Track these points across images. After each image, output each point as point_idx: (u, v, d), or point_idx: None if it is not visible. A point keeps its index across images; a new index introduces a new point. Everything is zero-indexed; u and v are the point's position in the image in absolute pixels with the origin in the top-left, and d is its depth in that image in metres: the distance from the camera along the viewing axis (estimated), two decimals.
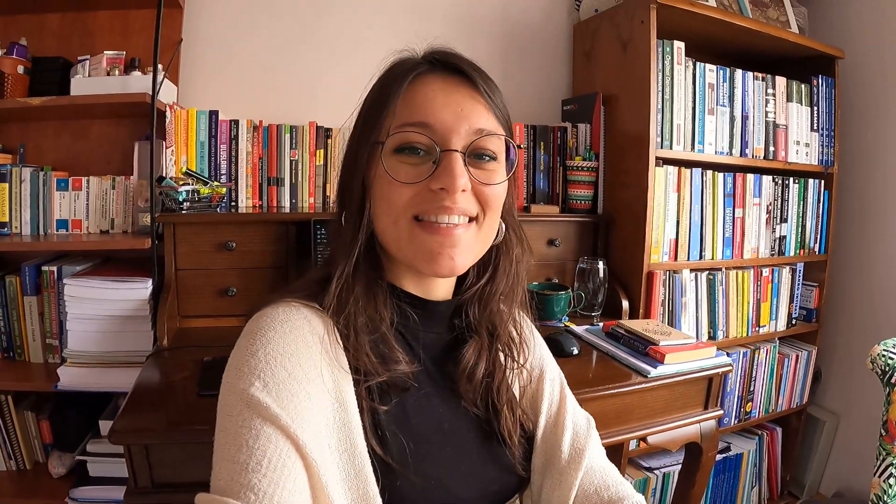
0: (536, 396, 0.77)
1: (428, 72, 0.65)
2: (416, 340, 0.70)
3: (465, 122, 0.62)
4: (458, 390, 0.70)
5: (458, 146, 0.62)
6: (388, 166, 0.62)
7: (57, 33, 1.70)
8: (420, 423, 0.64)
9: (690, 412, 1.37)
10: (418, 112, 0.62)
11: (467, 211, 0.63)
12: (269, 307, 0.63)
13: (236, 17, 1.79)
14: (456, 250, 0.63)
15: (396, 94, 0.63)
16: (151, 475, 0.99)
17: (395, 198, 0.62)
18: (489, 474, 0.68)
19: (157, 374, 1.25)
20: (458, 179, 0.60)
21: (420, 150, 0.62)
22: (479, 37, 1.99)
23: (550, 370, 0.81)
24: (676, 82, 1.72)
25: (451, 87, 0.64)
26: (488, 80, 0.67)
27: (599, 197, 1.87)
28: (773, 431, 2.22)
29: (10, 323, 1.58)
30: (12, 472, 1.62)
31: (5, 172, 1.56)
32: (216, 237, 1.49)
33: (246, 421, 0.51)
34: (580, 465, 0.70)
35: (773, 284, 2.03)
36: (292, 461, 0.50)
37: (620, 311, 1.71)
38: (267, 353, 0.56)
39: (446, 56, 0.66)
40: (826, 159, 2.10)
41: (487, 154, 0.65)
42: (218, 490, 0.49)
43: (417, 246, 0.63)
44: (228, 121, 1.66)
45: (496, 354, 0.74)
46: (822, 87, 2.06)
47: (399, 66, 0.67)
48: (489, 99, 0.65)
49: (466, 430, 0.68)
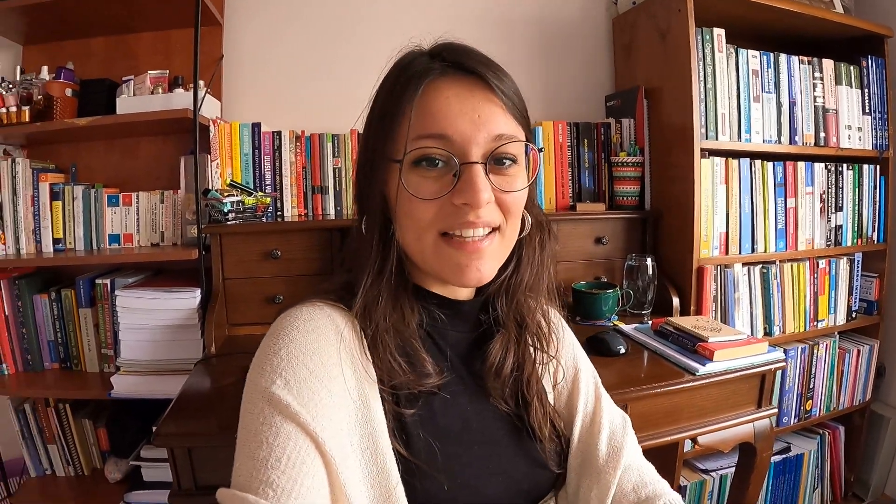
0: (572, 396, 0.76)
1: (440, 76, 0.62)
2: (444, 340, 0.70)
3: (483, 130, 0.60)
4: (486, 387, 0.69)
5: (477, 157, 0.60)
6: (408, 183, 0.61)
7: (102, 56, 1.77)
8: (447, 422, 0.63)
9: (743, 411, 1.33)
10: (434, 123, 0.60)
11: (491, 223, 0.62)
12: (294, 307, 0.64)
13: (274, 31, 1.84)
14: (482, 262, 0.63)
15: (409, 104, 0.61)
16: (195, 477, 1.01)
17: (418, 214, 0.61)
18: (518, 473, 0.67)
19: (203, 381, 1.27)
20: (482, 195, 0.59)
21: (439, 161, 0.61)
22: (517, 38, 1.98)
23: (585, 369, 0.80)
24: (719, 70, 1.67)
25: (465, 92, 0.61)
26: (502, 77, 0.64)
27: (646, 192, 1.82)
28: (835, 430, 2.12)
29: (67, 334, 1.64)
30: (70, 477, 1.68)
31: (59, 191, 1.63)
32: (262, 246, 1.51)
33: (267, 418, 0.52)
34: (618, 464, 0.69)
35: (830, 276, 1.94)
36: (311, 458, 0.51)
37: (671, 308, 1.66)
38: (289, 351, 0.57)
39: (457, 57, 0.63)
40: (880, 143, 2.01)
41: (508, 158, 0.63)
42: (238, 485, 0.49)
43: (444, 260, 0.63)
44: (271, 132, 1.68)
45: (525, 346, 0.73)
46: (871, 68, 1.97)
47: (409, 70, 0.64)
48: (505, 98, 0.63)
49: (495, 428, 0.68)
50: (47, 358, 1.65)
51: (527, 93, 0.68)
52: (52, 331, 1.63)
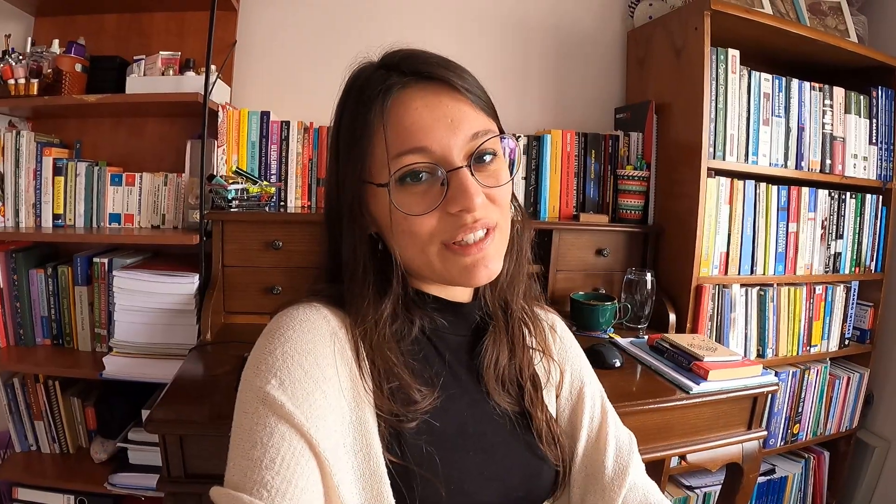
0: (577, 410, 0.76)
1: (402, 89, 0.61)
2: (444, 344, 0.70)
3: (458, 133, 0.60)
4: (485, 386, 0.69)
5: (460, 161, 0.60)
6: (399, 202, 0.60)
7: (114, 34, 1.76)
8: (443, 428, 0.63)
9: (733, 431, 1.34)
10: (411, 138, 0.59)
11: (488, 223, 0.62)
12: (291, 307, 0.63)
13: (289, 20, 1.83)
14: (488, 260, 0.63)
15: (380, 124, 0.60)
16: (185, 465, 1.00)
17: (417, 230, 0.61)
18: (514, 480, 0.66)
19: (197, 368, 1.27)
20: (475, 198, 0.59)
21: (423, 174, 0.60)
22: (533, 45, 1.98)
23: (590, 384, 0.80)
24: (731, 91, 1.68)
25: (432, 98, 0.60)
26: (463, 75, 0.63)
27: (650, 207, 1.83)
28: (820, 455, 2.13)
29: (61, 311, 1.63)
30: (55, 454, 1.67)
31: (62, 166, 1.62)
32: (263, 235, 1.50)
33: (261, 418, 0.52)
34: (624, 482, 0.70)
35: (826, 303, 1.95)
36: (305, 459, 0.51)
37: (667, 324, 1.67)
38: (285, 351, 0.56)
39: (416, 65, 0.62)
40: (885, 174, 2.02)
41: (488, 153, 0.63)
42: (231, 485, 0.49)
43: (451, 266, 0.63)
44: (280, 122, 1.68)
45: (513, 332, 0.74)
46: (881, 99, 1.98)
47: (368, 88, 0.62)
48: (472, 95, 0.62)
49: (493, 432, 0.67)
50: (40, 334, 1.64)
51: (538, 100, 0.68)
52: (47, 307, 1.62)
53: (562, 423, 0.75)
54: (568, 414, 0.76)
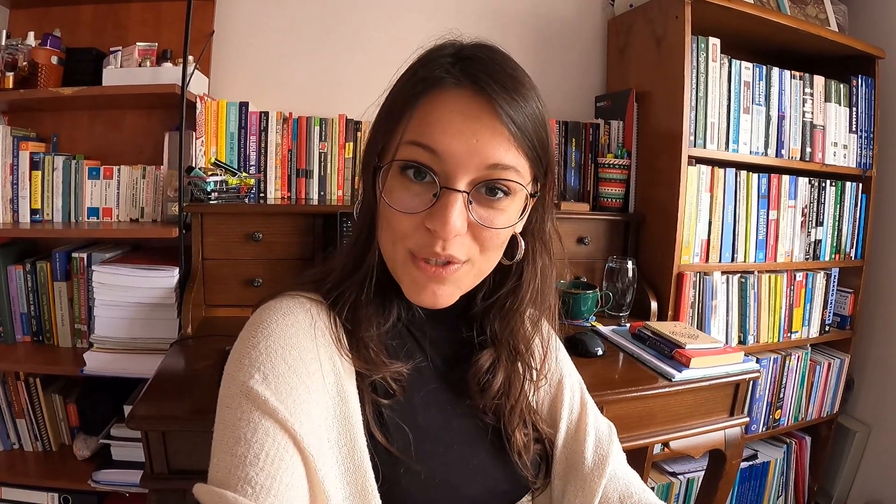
0: (556, 402, 0.76)
1: (452, 87, 0.57)
2: (422, 335, 0.69)
3: (476, 157, 0.55)
4: (470, 393, 0.68)
5: (462, 184, 0.56)
6: (392, 189, 0.58)
7: (90, 25, 1.73)
8: (427, 419, 0.63)
9: (715, 418, 1.35)
10: (428, 133, 0.56)
11: (455, 258, 0.58)
12: (274, 300, 0.63)
13: (268, 10, 1.80)
14: (442, 288, 0.60)
15: (413, 103, 0.58)
16: (168, 461, 1.00)
17: (394, 224, 0.59)
18: (498, 473, 0.66)
19: (179, 362, 1.26)
20: (450, 227, 0.55)
21: (427, 174, 0.57)
22: (512, 32, 1.97)
23: (570, 376, 0.79)
24: (711, 80, 1.68)
25: (472, 112, 0.56)
26: (520, 104, 0.57)
27: (631, 195, 1.83)
28: (801, 440, 2.17)
29: (40, 308, 1.61)
30: (38, 452, 1.65)
31: (38, 160, 1.59)
32: (243, 227, 1.49)
33: (245, 413, 0.51)
34: (604, 472, 0.69)
35: (806, 289, 1.97)
36: (290, 455, 0.50)
37: (649, 312, 1.68)
38: (268, 345, 0.55)
39: (477, 70, 0.57)
40: (864, 162, 2.04)
41: (501, 189, 0.58)
42: (215, 481, 0.48)
43: (406, 274, 0.61)
44: (258, 112, 1.66)
45: (515, 374, 0.70)
46: (861, 88, 1.99)
47: (426, 69, 0.59)
48: (514, 127, 0.56)
49: (476, 429, 0.67)
50: (19, 330, 1.62)
51: None
52: (26, 303, 1.60)
53: (541, 414, 0.75)
54: (547, 406, 0.76)
